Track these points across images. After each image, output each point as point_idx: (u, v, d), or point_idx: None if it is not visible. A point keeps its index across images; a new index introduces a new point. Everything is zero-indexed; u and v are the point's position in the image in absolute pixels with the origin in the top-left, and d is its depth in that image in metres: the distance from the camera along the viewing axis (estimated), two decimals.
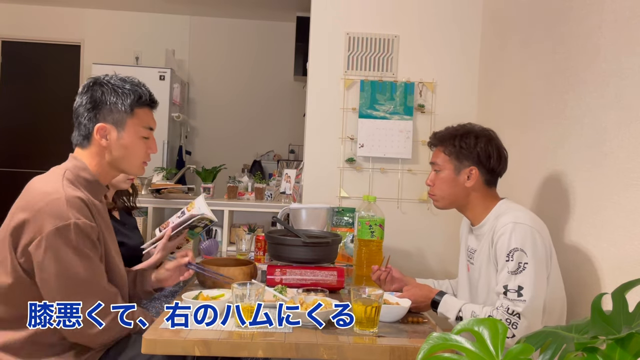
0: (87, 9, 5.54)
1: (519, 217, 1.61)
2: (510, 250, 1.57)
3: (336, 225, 2.37)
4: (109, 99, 1.51)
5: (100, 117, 1.51)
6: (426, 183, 1.85)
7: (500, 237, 1.61)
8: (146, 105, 1.57)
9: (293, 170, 3.16)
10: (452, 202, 1.79)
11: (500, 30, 2.63)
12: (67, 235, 1.36)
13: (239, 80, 5.74)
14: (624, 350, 0.74)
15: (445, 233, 2.82)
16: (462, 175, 1.74)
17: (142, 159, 1.58)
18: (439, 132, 1.83)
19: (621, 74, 1.60)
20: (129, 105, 1.52)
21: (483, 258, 1.72)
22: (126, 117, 1.52)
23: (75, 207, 1.39)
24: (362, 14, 2.84)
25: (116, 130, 1.52)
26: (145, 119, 1.56)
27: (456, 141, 1.75)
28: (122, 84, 1.53)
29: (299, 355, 1.34)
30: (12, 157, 5.53)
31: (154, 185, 3.08)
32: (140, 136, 1.55)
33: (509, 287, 1.55)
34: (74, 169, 1.51)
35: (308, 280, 1.81)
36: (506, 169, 1.78)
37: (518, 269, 1.55)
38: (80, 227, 1.38)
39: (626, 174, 1.55)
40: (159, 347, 1.33)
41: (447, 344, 0.78)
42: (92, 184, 1.52)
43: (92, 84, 1.53)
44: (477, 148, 1.73)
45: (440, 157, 1.78)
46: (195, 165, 4.82)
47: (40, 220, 1.36)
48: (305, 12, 4.06)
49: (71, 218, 1.37)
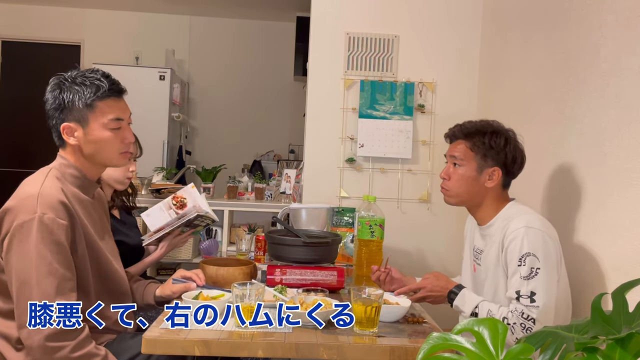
0: (87, 9, 5.54)
1: (530, 221, 1.58)
2: (523, 255, 1.54)
3: (336, 225, 2.37)
4: (67, 96, 1.47)
5: (64, 116, 1.49)
6: (441, 176, 1.76)
7: (512, 241, 1.57)
8: (107, 96, 1.49)
9: (293, 170, 3.16)
10: (466, 200, 1.73)
11: (500, 30, 2.63)
12: (29, 229, 1.35)
13: (239, 80, 5.74)
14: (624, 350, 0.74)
15: (446, 233, 2.82)
16: (484, 175, 1.68)
17: (118, 150, 1.53)
18: (465, 125, 1.74)
19: (621, 74, 1.60)
20: (89, 99, 1.47)
21: (491, 260, 1.68)
22: (87, 113, 1.47)
23: (46, 203, 1.38)
24: (362, 14, 2.84)
25: (81, 127, 1.49)
26: (109, 111, 1.50)
27: (486, 138, 1.67)
28: (80, 79, 1.49)
29: (299, 355, 1.34)
30: (12, 157, 5.53)
31: (154, 185, 3.08)
32: (107, 129, 1.49)
33: (521, 293, 1.52)
34: (60, 166, 1.51)
35: (308, 280, 1.81)
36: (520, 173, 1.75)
37: (530, 274, 1.52)
38: (43, 223, 1.36)
39: (626, 174, 1.55)
40: (159, 347, 1.33)
41: (447, 344, 0.78)
42: (80, 180, 1.52)
43: (53, 84, 1.51)
44: (506, 149, 1.66)
45: (463, 152, 1.70)
46: (195, 165, 4.82)
47: (13, 215, 1.38)
48: (305, 12, 4.06)
49: (37, 212, 1.36)
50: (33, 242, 1.35)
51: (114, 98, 1.51)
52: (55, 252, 1.37)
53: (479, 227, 1.78)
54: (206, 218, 2.10)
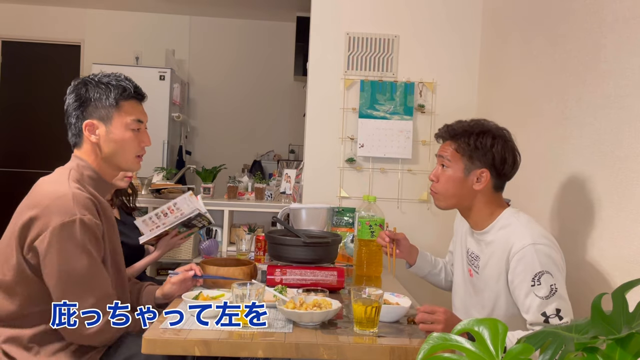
0: (87, 9, 5.54)
1: (535, 237, 1.52)
2: (536, 274, 1.48)
3: (336, 225, 2.37)
4: (93, 95, 1.52)
5: (87, 114, 1.52)
6: (430, 178, 1.71)
7: (520, 260, 1.51)
8: (132, 97, 1.56)
9: (293, 170, 3.16)
10: (456, 203, 1.68)
11: (500, 30, 2.63)
12: (72, 230, 1.37)
13: (239, 80, 5.74)
14: (624, 350, 0.74)
15: (446, 233, 2.82)
16: (472, 177, 1.62)
17: (135, 152, 1.57)
18: (452, 125, 1.68)
19: (621, 74, 1.60)
20: (114, 98, 1.52)
21: (491, 274, 1.62)
22: (112, 111, 1.52)
23: (81, 204, 1.40)
24: (362, 14, 2.84)
25: (104, 125, 1.52)
26: (132, 112, 1.56)
27: (471, 139, 1.61)
28: (106, 79, 1.54)
29: (299, 355, 1.34)
30: (12, 157, 5.54)
31: (154, 185, 3.08)
32: (129, 129, 1.55)
33: (548, 314, 1.46)
34: (78, 168, 1.52)
35: (308, 280, 1.81)
36: (515, 174, 1.67)
37: (550, 292, 1.47)
38: (85, 223, 1.39)
39: (626, 173, 1.55)
40: (159, 347, 1.33)
41: (447, 344, 0.78)
42: (97, 182, 1.54)
43: (77, 83, 1.55)
44: (493, 150, 1.60)
45: (450, 152, 1.65)
46: (195, 165, 4.82)
47: (47, 216, 1.38)
48: (305, 12, 4.06)
49: (77, 214, 1.38)
50: (80, 243, 1.38)
51: (137, 101, 1.58)
52: (98, 251, 1.43)
53: (472, 230, 1.72)
54: (204, 219, 2.11)
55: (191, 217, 2.05)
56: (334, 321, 1.52)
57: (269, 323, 1.43)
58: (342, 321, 1.53)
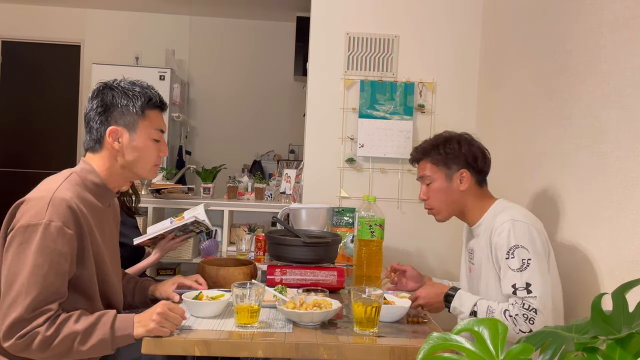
0: (87, 9, 5.54)
1: (515, 214, 1.62)
2: (510, 248, 1.57)
3: (336, 225, 2.37)
4: (120, 101, 1.51)
5: (112, 120, 1.51)
6: (420, 198, 1.86)
7: (499, 235, 1.61)
8: (156, 107, 1.58)
9: (293, 170, 3.16)
10: (452, 210, 1.81)
11: (500, 30, 2.63)
12: (32, 234, 1.34)
13: (239, 80, 5.74)
14: (624, 350, 0.74)
15: (446, 233, 2.82)
16: (455, 181, 1.76)
17: (154, 161, 1.58)
18: (419, 146, 1.86)
19: (621, 74, 1.60)
20: (140, 107, 1.52)
21: (482, 257, 1.72)
22: (138, 119, 1.52)
23: (55, 210, 1.36)
24: (362, 14, 2.84)
25: (128, 132, 1.52)
26: (156, 121, 1.57)
27: (440, 149, 1.77)
28: (132, 87, 1.54)
29: (299, 355, 1.34)
30: (11, 157, 5.53)
31: (154, 185, 3.08)
32: (151, 138, 1.55)
33: (517, 285, 1.54)
34: (82, 172, 1.51)
35: (308, 280, 1.81)
36: (490, 167, 1.81)
37: (523, 266, 1.55)
38: (49, 231, 1.34)
39: (626, 173, 1.55)
40: (159, 347, 1.33)
41: (447, 344, 0.78)
42: (100, 188, 1.52)
43: (102, 88, 1.54)
44: (463, 150, 1.76)
45: (427, 169, 1.80)
46: (195, 165, 4.83)
47: (21, 213, 1.38)
48: (305, 12, 4.06)
49: (44, 219, 1.35)
50: (33, 249, 1.34)
51: (160, 110, 1.60)
52: (55, 262, 1.35)
53: (470, 228, 1.83)
54: (201, 225, 2.10)
55: (187, 223, 2.05)
56: (334, 321, 1.52)
57: (269, 323, 1.43)
58: (342, 321, 1.53)
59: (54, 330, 1.32)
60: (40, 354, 1.33)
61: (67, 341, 1.32)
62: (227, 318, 1.51)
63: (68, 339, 1.32)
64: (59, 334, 1.32)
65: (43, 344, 1.31)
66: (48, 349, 1.32)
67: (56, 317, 1.34)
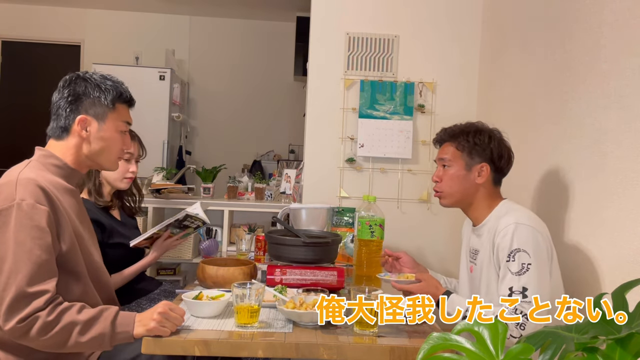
0: (87, 9, 5.54)
1: (520, 217, 1.61)
2: (512, 251, 1.56)
3: (336, 225, 2.37)
4: (92, 93, 1.55)
5: (82, 109, 1.55)
6: (433, 179, 1.82)
7: (503, 238, 1.60)
8: (126, 102, 1.63)
9: (293, 170, 3.16)
10: (460, 199, 1.77)
11: (500, 30, 2.63)
12: (8, 216, 1.36)
13: (239, 80, 5.74)
14: (624, 350, 0.74)
15: (446, 233, 2.82)
16: (474, 172, 1.73)
17: (118, 154, 1.63)
18: (450, 128, 1.81)
19: (621, 74, 1.60)
20: (111, 100, 1.57)
21: (484, 258, 1.71)
22: (107, 111, 1.56)
23: (23, 189, 1.39)
24: (362, 14, 2.84)
25: (97, 122, 1.56)
26: (125, 114, 1.62)
27: (470, 137, 1.73)
28: (104, 80, 1.58)
29: (299, 355, 1.34)
30: (11, 157, 5.51)
31: (154, 185, 3.08)
32: (119, 130, 1.60)
33: (514, 289, 1.53)
34: (40, 157, 1.55)
35: (308, 280, 1.81)
36: (509, 170, 1.79)
37: (521, 270, 1.54)
38: (22, 210, 1.36)
39: (626, 173, 1.55)
40: (159, 347, 1.33)
41: (447, 344, 0.78)
42: (62, 169, 1.54)
43: (74, 78, 1.58)
44: (491, 145, 1.72)
45: (450, 153, 1.76)
46: (195, 165, 4.82)
47: None
48: (305, 12, 4.06)
49: (15, 199, 1.37)
50: (12, 229, 1.35)
51: (128, 106, 1.65)
52: (37, 237, 1.36)
53: (473, 227, 1.80)
54: (196, 219, 2.10)
55: (179, 218, 2.05)
56: None
57: (269, 323, 1.43)
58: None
59: (55, 316, 1.32)
60: (38, 341, 1.33)
61: (67, 330, 1.33)
62: (227, 318, 1.51)
63: (68, 328, 1.33)
64: (59, 321, 1.33)
65: (43, 330, 1.31)
66: (47, 335, 1.32)
67: (58, 304, 1.34)
